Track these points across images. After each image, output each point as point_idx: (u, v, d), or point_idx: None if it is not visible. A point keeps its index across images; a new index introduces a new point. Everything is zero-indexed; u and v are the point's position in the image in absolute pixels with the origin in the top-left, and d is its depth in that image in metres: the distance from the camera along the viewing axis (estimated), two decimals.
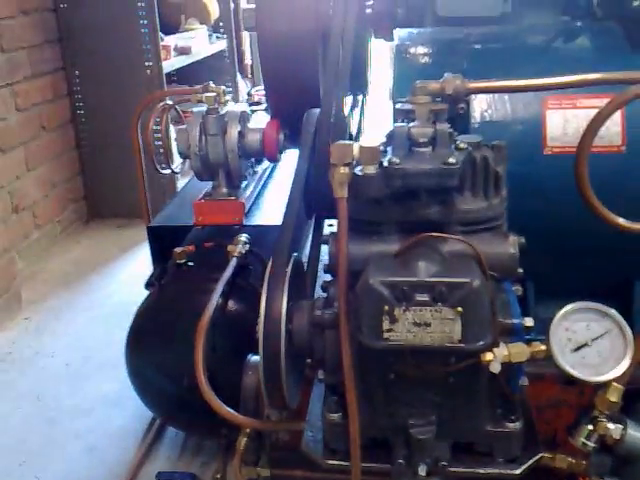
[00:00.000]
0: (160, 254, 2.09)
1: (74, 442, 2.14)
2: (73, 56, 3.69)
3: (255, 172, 2.33)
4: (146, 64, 3.60)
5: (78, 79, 3.73)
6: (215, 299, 1.62)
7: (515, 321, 1.14)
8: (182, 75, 4.44)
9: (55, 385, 2.44)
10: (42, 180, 3.54)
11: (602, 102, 1.14)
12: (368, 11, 2.00)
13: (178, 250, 1.93)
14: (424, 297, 1.04)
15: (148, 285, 1.93)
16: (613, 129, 1.45)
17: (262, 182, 2.40)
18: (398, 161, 1.11)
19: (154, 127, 2.34)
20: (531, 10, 1.75)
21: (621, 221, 1.18)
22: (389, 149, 1.17)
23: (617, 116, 1.45)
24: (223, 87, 2.11)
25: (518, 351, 1.10)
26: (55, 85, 3.65)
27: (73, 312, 2.96)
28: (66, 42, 3.67)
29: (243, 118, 2.05)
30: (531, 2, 1.75)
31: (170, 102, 2.40)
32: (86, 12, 3.59)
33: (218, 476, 1.71)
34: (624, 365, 1.13)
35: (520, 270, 1.18)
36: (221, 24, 5.01)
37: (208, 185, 2.15)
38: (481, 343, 1.06)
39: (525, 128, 1.51)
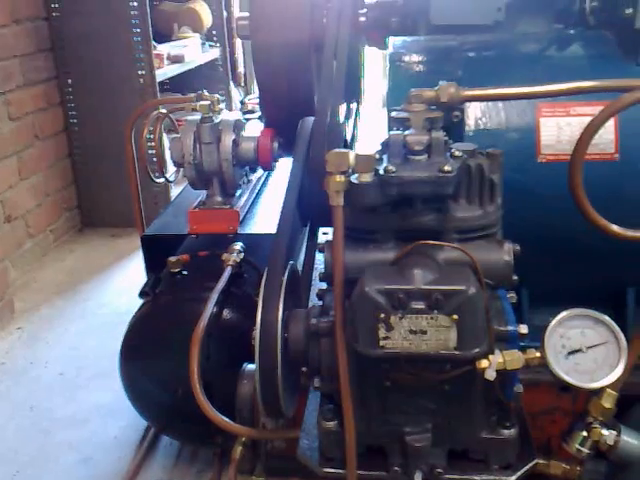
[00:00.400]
0: (154, 263, 2.09)
1: (68, 452, 2.13)
2: (66, 65, 3.69)
3: (249, 180, 2.33)
4: (139, 73, 3.61)
5: (71, 88, 3.73)
6: (210, 308, 1.62)
7: (510, 328, 1.14)
8: (175, 84, 4.46)
9: (49, 395, 2.42)
10: (35, 189, 3.53)
11: (595, 110, 1.15)
12: (362, 19, 2.01)
13: (172, 259, 1.93)
14: (420, 305, 1.04)
15: (142, 294, 1.92)
16: (606, 137, 1.46)
17: (256, 190, 2.40)
18: (394, 169, 1.11)
19: (148, 136, 2.34)
20: (524, 18, 1.76)
21: (615, 228, 1.19)
22: (385, 157, 1.17)
23: (610, 124, 1.45)
24: (217, 95, 2.11)
25: (513, 358, 1.10)
26: (48, 94, 3.65)
27: (67, 321, 2.95)
28: (59, 51, 3.67)
29: (237, 126, 2.06)
30: (524, 11, 1.76)
31: (164, 111, 2.40)
32: (79, 21, 3.59)
33: None
34: (618, 371, 1.13)
35: (515, 277, 1.18)
36: (214, 32, 5.02)
37: (202, 194, 2.15)
38: (476, 350, 1.06)
39: (519, 136, 1.51)
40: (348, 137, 2.52)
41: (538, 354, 1.12)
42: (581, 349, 1.13)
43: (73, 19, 3.59)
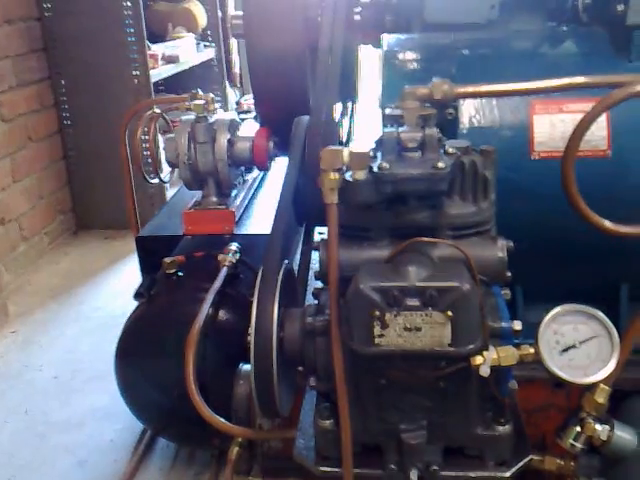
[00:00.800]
0: (149, 265, 2.08)
1: (64, 456, 2.12)
2: (59, 65, 3.67)
3: (245, 181, 2.33)
4: (133, 73, 3.60)
5: (64, 89, 3.71)
6: (205, 309, 1.61)
7: (504, 325, 1.14)
8: (170, 84, 4.44)
9: (44, 399, 2.41)
10: (29, 191, 3.52)
11: (588, 106, 1.15)
12: (356, 18, 2.00)
13: (168, 260, 1.92)
14: (414, 302, 1.05)
15: (137, 296, 1.91)
16: (599, 133, 1.46)
17: (252, 191, 2.40)
18: (388, 166, 1.11)
19: (142, 136, 2.33)
20: (518, 16, 1.76)
21: (608, 224, 1.19)
22: (379, 154, 1.17)
23: (603, 120, 1.46)
24: (211, 95, 2.10)
25: (507, 354, 1.10)
26: (41, 95, 3.63)
27: (61, 324, 2.94)
28: (52, 51, 3.65)
29: (232, 126, 2.05)
30: (517, 8, 1.76)
31: (158, 111, 2.40)
32: (72, 21, 3.57)
33: None
34: (611, 367, 1.13)
35: (509, 274, 1.18)
36: (209, 32, 5.01)
37: (197, 194, 2.14)
38: (471, 347, 1.07)
39: (512, 133, 1.52)
40: (344, 135, 2.52)
41: (532, 350, 1.13)
42: (574, 345, 1.13)
43: (66, 19, 3.57)
